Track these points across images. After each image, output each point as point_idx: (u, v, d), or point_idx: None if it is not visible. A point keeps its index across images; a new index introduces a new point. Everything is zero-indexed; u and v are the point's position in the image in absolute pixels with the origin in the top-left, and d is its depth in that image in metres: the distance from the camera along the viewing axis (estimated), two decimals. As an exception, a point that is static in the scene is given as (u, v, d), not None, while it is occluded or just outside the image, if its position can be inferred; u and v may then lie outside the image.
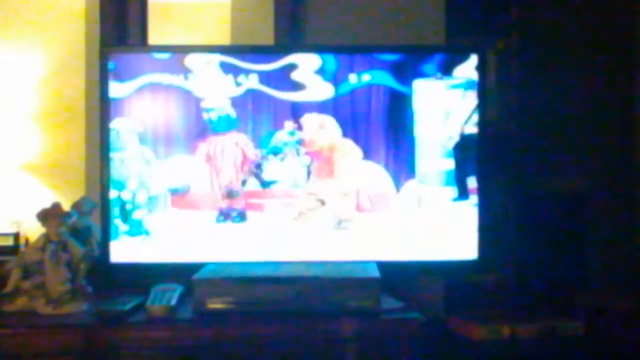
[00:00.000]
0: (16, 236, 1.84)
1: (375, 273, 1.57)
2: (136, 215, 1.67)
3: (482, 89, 1.70)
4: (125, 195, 1.67)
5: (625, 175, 2.23)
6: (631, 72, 2.25)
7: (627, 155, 2.24)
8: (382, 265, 1.62)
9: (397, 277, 1.65)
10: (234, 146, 1.68)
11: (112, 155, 1.66)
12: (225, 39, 1.98)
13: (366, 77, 1.68)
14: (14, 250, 1.81)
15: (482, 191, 1.70)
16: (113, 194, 1.66)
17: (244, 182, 1.69)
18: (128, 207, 1.67)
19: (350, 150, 1.69)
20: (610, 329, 1.84)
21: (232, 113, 1.68)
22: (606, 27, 2.23)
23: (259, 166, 1.67)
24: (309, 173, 1.70)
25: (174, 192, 1.68)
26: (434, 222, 1.70)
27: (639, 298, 1.97)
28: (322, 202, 1.70)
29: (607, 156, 2.22)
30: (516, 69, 2.10)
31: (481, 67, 1.70)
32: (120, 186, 1.67)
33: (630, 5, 2.25)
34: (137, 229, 1.67)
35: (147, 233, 1.67)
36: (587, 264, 2.14)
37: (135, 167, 1.67)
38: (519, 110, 2.10)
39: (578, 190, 2.15)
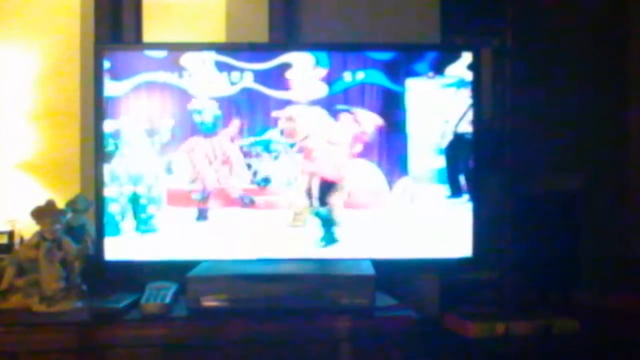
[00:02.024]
0: (11, 234, 1.84)
1: (370, 271, 1.57)
2: (131, 213, 1.67)
3: (477, 87, 1.70)
4: (120, 194, 1.67)
5: (620, 173, 2.24)
6: (625, 71, 2.25)
7: (622, 154, 2.24)
8: (377, 263, 1.62)
9: (392, 274, 1.65)
10: (227, 144, 1.68)
11: (107, 153, 1.66)
12: (219, 39, 1.98)
13: (360, 75, 1.69)
14: (8, 248, 1.81)
15: (476, 189, 1.70)
16: (108, 192, 1.66)
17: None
18: (123, 205, 1.67)
19: (344, 145, 1.69)
20: (605, 327, 1.85)
21: (226, 112, 1.68)
22: (601, 26, 2.24)
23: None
24: (302, 171, 1.70)
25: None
26: (428, 220, 1.70)
27: (633, 296, 1.98)
28: (316, 200, 1.69)
29: (602, 154, 2.22)
30: (510, 68, 2.11)
31: (475, 65, 1.70)
32: (116, 184, 1.66)
33: (624, 5, 2.26)
34: (131, 227, 1.67)
35: (141, 231, 1.67)
36: (582, 261, 2.14)
37: (130, 166, 1.67)
38: (513, 109, 2.10)
39: (573, 189, 2.15)
